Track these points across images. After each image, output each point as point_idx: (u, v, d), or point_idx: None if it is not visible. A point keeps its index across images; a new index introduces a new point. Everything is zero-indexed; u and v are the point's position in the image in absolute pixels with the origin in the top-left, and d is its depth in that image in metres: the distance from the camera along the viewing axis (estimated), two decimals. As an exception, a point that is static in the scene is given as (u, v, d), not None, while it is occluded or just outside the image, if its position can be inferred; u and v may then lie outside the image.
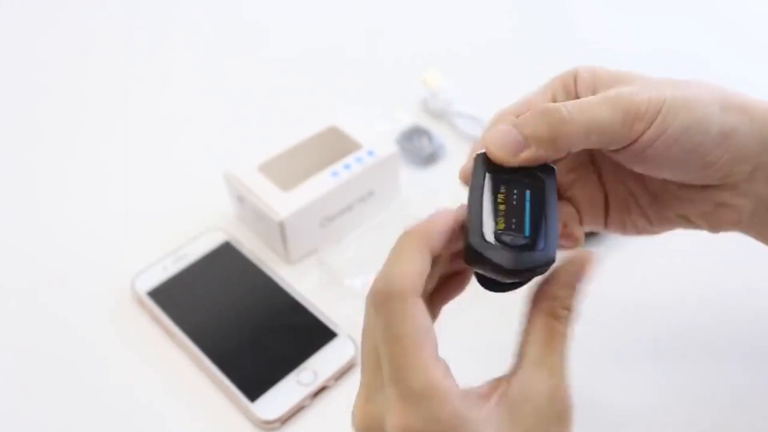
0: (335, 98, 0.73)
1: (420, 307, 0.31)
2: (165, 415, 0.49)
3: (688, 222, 0.40)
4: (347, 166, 0.57)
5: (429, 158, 0.65)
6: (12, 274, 0.59)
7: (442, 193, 0.62)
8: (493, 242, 0.32)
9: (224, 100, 0.75)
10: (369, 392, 0.32)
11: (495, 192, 0.33)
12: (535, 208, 0.33)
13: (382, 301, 0.31)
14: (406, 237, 0.32)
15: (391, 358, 0.30)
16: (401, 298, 0.30)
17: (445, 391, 0.29)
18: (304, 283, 0.56)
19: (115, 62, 0.80)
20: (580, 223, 0.42)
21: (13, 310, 0.56)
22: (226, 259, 0.57)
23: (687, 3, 0.83)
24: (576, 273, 0.33)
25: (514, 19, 0.83)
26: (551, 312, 0.32)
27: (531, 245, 0.32)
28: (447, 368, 0.31)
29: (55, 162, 0.69)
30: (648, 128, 0.35)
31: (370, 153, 0.58)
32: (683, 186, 0.38)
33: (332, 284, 0.55)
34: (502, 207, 0.33)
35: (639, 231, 0.42)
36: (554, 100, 0.39)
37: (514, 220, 0.32)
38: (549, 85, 0.40)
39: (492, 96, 0.71)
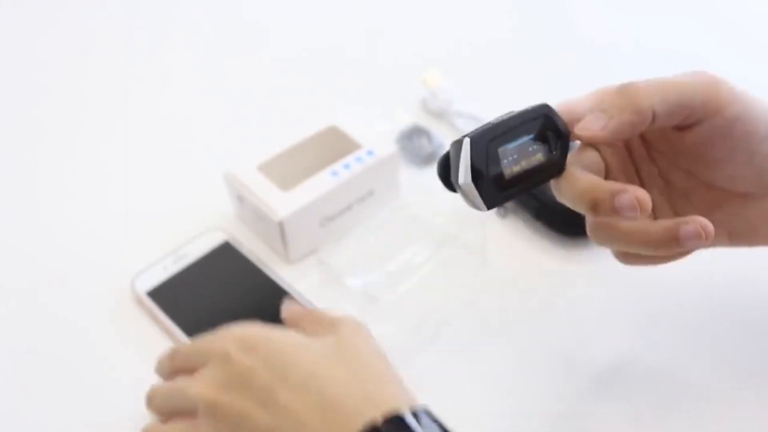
0: (335, 98, 0.73)
1: None
2: (165, 415, 0.49)
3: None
4: (347, 166, 0.57)
5: (429, 158, 0.65)
6: (12, 274, 0.59)
7: (442, 193, 0.61)
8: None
9: (224, 100, 0.75)
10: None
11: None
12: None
13: None
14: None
15: None
16: None
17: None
18: (304, 283, 0.56)
19: (115, 62, 0.80)
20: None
21: (13, 310, 0.56)
22: (226, 259, 0.57)
23: (687, 3, 0.83)
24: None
25: (514, 19, 0.83)
26: None
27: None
28: None
29: (55, 162, 0.69)
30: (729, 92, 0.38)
31: (370, 153, 0.58)
32: (734, 195, 0.41)
33: (332, 284, 0.55)
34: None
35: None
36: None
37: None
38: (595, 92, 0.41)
39: (492, 96, 0.72)
